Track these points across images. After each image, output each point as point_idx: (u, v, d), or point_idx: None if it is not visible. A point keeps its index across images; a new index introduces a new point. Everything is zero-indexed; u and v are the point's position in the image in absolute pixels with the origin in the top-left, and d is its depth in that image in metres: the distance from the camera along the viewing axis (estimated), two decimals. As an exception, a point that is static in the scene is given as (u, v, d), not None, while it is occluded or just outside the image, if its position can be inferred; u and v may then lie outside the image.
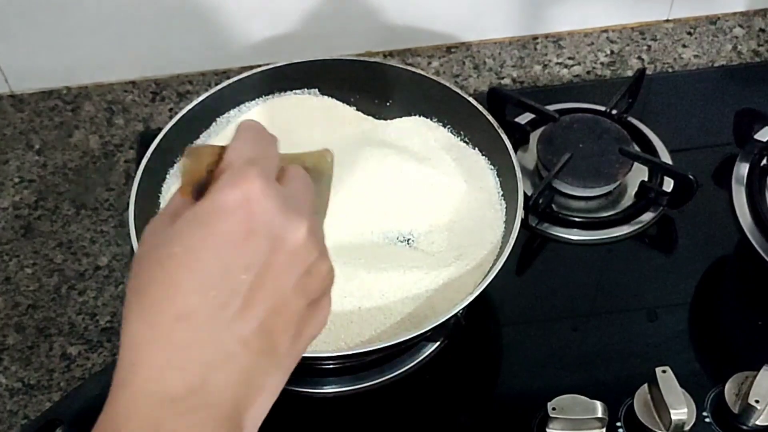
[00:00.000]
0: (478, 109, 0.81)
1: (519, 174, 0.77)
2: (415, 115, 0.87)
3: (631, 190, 0.90)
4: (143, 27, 0.97)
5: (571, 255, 0.87)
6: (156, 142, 0.79)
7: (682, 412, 0.69)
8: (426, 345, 0.78)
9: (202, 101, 0.83)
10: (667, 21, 1.07)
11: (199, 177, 0.44)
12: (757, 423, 0.72)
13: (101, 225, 0.90)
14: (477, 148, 0.84)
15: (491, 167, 0.82)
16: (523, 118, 0.94)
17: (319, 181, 0.55)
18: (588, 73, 1.03)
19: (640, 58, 1.04)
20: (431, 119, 0.86)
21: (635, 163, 0.89)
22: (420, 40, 1.04)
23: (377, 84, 0.87)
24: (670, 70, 1.03)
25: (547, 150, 0.89)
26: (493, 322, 0.82)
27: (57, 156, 0.96)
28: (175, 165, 0.82)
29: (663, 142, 0.92)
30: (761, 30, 1.07)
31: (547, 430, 0.71)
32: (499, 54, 1.04)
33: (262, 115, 0.86)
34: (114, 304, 0.84)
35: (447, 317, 0.68)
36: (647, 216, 0.88)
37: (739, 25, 1.07)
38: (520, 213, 0.74)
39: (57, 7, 0.93)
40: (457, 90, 0.83)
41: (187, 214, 0.42)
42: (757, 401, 0.70)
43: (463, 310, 0.69)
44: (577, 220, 0.88)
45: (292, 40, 1.00)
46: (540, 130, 0.92)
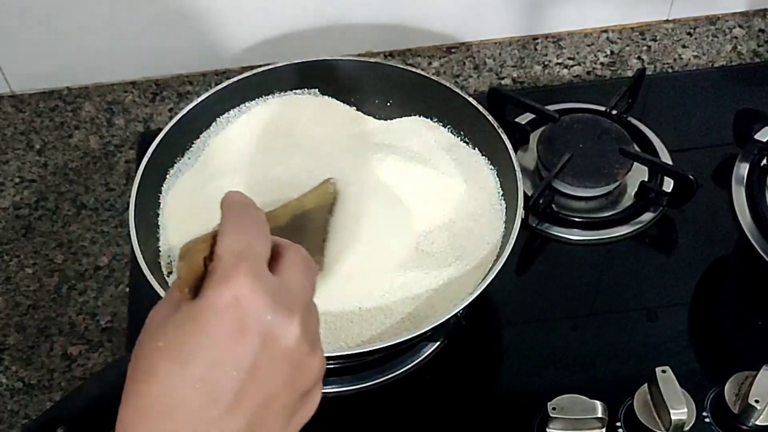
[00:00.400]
0: (478, 110, 0.81)
1: (519, 174, 0.77)
2: (415, 115, 0.87)
3: (631, 190, 0.90)
4: (143, 27, 0.97)
5: (571, 255, 0.87)
6: (156, 143, 0.79)
7: (682, 412, 0.69)
8: (426, 345, 0.78)
9: (202, 101, 0.83)
10: (667, 21, 1.07)
11: (196, 272, 0.44)
12: (757, 423, 0.72)
13: (101, 225, 0.90)
14: (477, 148, 0.84)
15: (491, 167, 0.82)
16: (523, 118, 0.94)
17: (323, 210, 0.54)
18: (588, 73, 1.03)
19: (640, 58, 1.04)
20: (431, 119, 0.86)
21: (635, 163, 0.89)
22: (420, 40, 1.04)
23: (377, 84, 0.87)
24: (670, 70, 1.03)
25: (547, 150, 0.89)
26: (493, 322, 0.82)
27: (57, 156, 0.96)
28: (176, 165, 0.82)
29: (663, 142, 0.92)
30: (761, 30, 1.07)
31: (547, 430, 0.71)
32: (499, 54, 1.04)
33: (262, 115, 0.86)
34: (114, 304, 0.84)
35: (447, 317, 0.68)
36: (647, 216, 0.88)
37: (739, 26, 1.07)
38: (520, 213, 0.74)
39: (57, 7, 0.93)
40: (458, 90, 0.83)
41: (178, 314, 0.42)
42: (757, 401, 0.70)
43: (463, 310, 0.69)
44: (577, 220, 0.88)
45: (292, 40, 1.00)
46: (540, 130, 0.92)
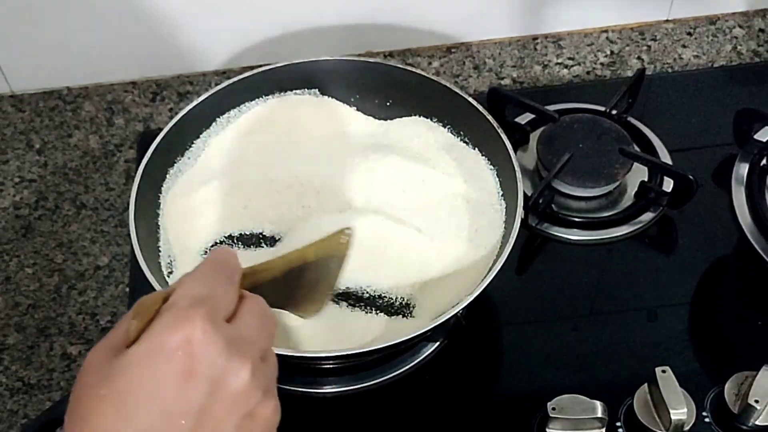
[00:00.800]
0: (478, 110, 0.81)
1: (519, 174, 0.77)
2: (415, 115, 0.87)
3: (631, 190, 0.90)
4: (143, 27, 0.97)
5: (571, 255, 0.87)
6: (156, 143, 0.79)
7: (681, 412, 0.69)
8: (426, 345, 0.78)
9: (202, 101, 0.83)
10: (666, 21, 1.07)
11: (148, 317, 0.43)
12: (756, 423, 0.72)
13: (101, 225, 0.90)
14: (477, 148, 0.84)
15: (491, 167, 0.82)
16: (523, 118, 0.94)
17: (331, 262, 0.54)
18: (588, 73, 1.03)
19: (639, 58, 1.04)
20: (431, 119, 0.86)
21: (635, 163, 0.89)
22: (420, 40, 1.04)
23: (377, 84, 0.87)
24: (670, 70, 1.03)
25: (547, 150, 0.89)
26: (493, 322, 0.82)
27: (57, 156, 0.96)
28: (175, 165, 0.82)
29: (663, 142, 0.92)
30: (761, 30, 1.07)
31: (547, 430, 0.71)
32: (499, 54, 1.04)
33: (262, 115, 0.86)
34: (114, 304, 0.84)
35: (447, 317, 0.68)
36: (647, 216, 0.88)
37: (739, 26, 1.07)
38: (520, 213, 0.74)
39: (57, 7, 0.93)
40: (457, 90, 0.83)
41: (123, 358, 0.41)
42: (756, 401, 0.70)
43: (463, 310, 0.69)
44: (577, 220, 0.88)
45: (292, 40, 1.00)
46: (540, 130, 0.92)
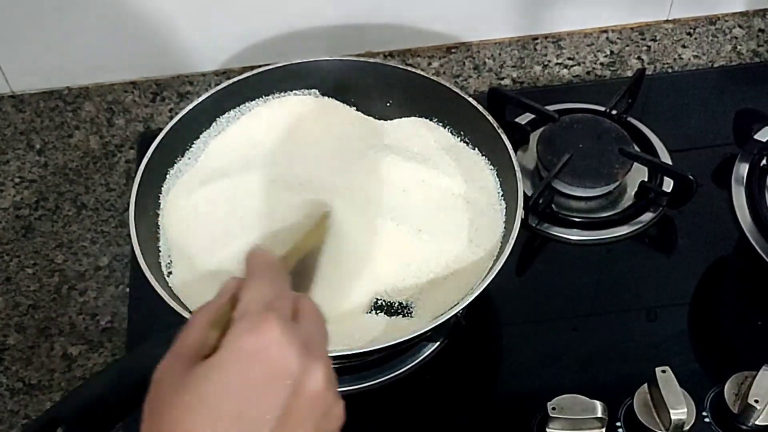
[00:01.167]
0: (478, 110, 0.81)
1: (519, 174, 0.77)
2: (415, 115, 0.87)
3: (631, 190, 0.90)
4: (143, 27, 0.97)
5: (571, 255, 0.87)
6: (156, 143, 0.79)
7: (681, 412, 0.69)
8: (426, 345, 0.78)
9: (202, 101, 0.83)
10: (666, 21, 1.07)
11: (222, 325, 0.44)
12: (756, 423, 0.72)
13: (102, 225, 0.90)
14: (477, 148, 0.84)
15: (491, 167, 0.82)
16: (523, 119, 0.94)
17: (315, 255, 0.54)
18: (588, 73, 1.03)
19: (639, 58, 1.04)
20: (431, 119, 0.86)
21: (635, 163, 0.89)
22: (420, 40, 1.04)
23: (377, 84, 0.87)
24: (670, 70, 1.03)
25: (547, 150, 0.89)
26: (493, 322, 0.82)
27: (57, 156, 0.96)
28: (175, 165, 0.82)
29: (663, 142, 0.92)
30: (761, 30, 1.07)
31: (547, 430, 0.71)
32: (499, 54, 1.04)
33: (262, 115, 0.86)
34: (114, 305, 0.84)
35: (447, 317, 0.68)
36: (647, 216, 0.88)
37: (739, 26, 1.07)
38: (520, 213, 0.74)
39: (57, 7, 0.93)
40: (457, 90, 0.83)
41: (202, 367, 0.42)
42: (756, 401, 0.71)
43: (463, 310, 0.69)
44: (577, 220, 0.88)
45: (292, 40, 1.00)
46: (540, 131, 0.92)
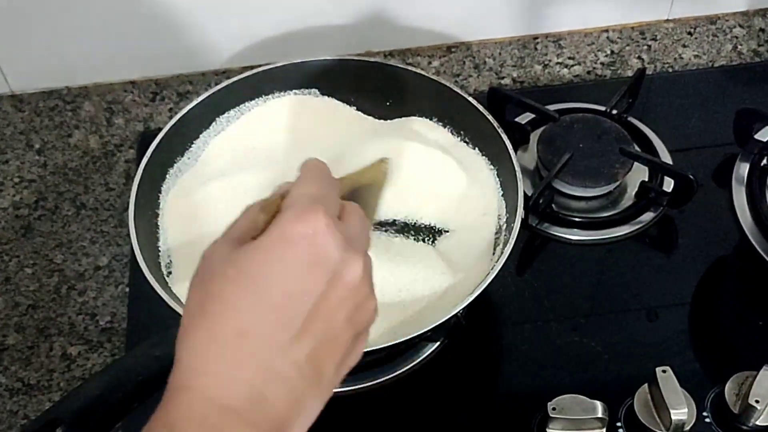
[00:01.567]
0: (478, 109, 0.81)
1: (519, 174, 0.77)
2: (415, 115, 0.87)
3: (631, 190, 0.89)
4: (143, 27, 0.97)
5: (571, 255, 0.87)
6: (156, 142, 0.79)
7: (682, 412, 0.69)
8: (426, 345, 0.78)
9: (202, 101, 0.83)
10: (667, 21, 1.07)
11: (271, 212, 0.47)
12: (757, 423, 0.72)
13: (101, 225, 0.90)
14: (477, 148, 0.84)
15: (491, 167, 0.82)
16: (523, 118, 0.94)
17: (372, 191, 0.57)
18: (588, 73, 1.03)
19: (640, 58, 1.04)
20: (431, 119, 0.86)
21: (635, 163, 0.89)
22: (420, 40, 1.04)
23: (377, 84, 0.87)
24: (670, 70, 1.03)
25: (547, 150, 0.89)
26: (493, 322, 0.82)
27: (57, 156, 0.96)
28: (175, 165, 0.82)
29: (663, 142, 0.92)
30: (761, 30, 1.07)
31: (547, 430, 0.71)
32: (500, 54, 1.04)
33: (262, 115, 0.86)
34: (114, 304, 0.84)
35: (447, 317, 0.68)
36: (647, 216, 0.88)
37: (739, 25, 1.07)
38: (520, 213, 0.74)
39: (57, 7, 0.93)
40: (458, 90, 0.83)
41: (249, 246, 0.44)
42: (757, 401, 0.70)
43: (463, 310, 0.69)
44: (577, 220, 0.88)
45: (292, 40, 1.00)
46: (540, 130, 0.92)
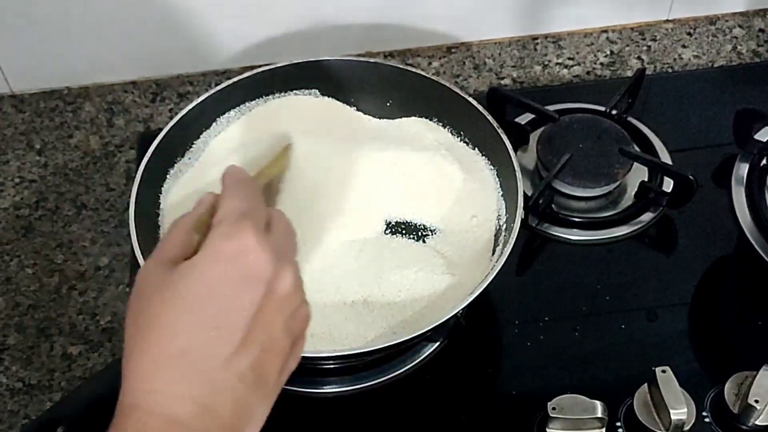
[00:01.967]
0: (478, 110, 0.81)
1: (519, 174, 0.77)
2: (415, 115, 0.87)
3: (631, 190, 0.90)
4: (143, 27, 0.97)
5: (571, 255, 0.87)
6: (156, 143, 0.79)
7: (681, 412, 0.69)
8: (426, 345, 0.78)
9: (202, 102, 0.83)
10: (666, 21, 1.07)
11: (201, 230, 0.49)
12: (756, 423, 0.72)
13: (102, 225, 0.90)
14: (477, 149, 0.84)
15: (491, 167, 0.82)
16: (523, 118, 0.94)
17: (279, 178, 0.60)
18: (588, 73, 1.03)
19: (639, 58, 1.04)
20: (431, 119, 0.86)
21: (635, 163, 0.89)
22: (420, 40, 1.04)
23: (377, 84, 0.87)
24: (670, 70, 1.03)
25: (547, 150, 0.89)
26: (493, 322, 0.82)
27: (57, 156, 0.96)
28: (176, 165, 0.82)
29: (663, 142, 0.92)
30: (761, 30, 1.07)
31: (547, 430, 0.71)
32: (499, 54, 1.04)
33: (262, 115, 0.86)
34: (114, 304, 0.84)
35: (447, 317, 0.68)
36: (647, 216, 0.88)
37: (739, 26, 1.07)
38: (520, 213, 0.74)
39: (57, 7, 0.93)
40: (457, 90, 0.83)
41: (182, 267, 0.46)
42: (756, 401, 0.70)
43: (463, 310, 0.69)
44: (577, 220, 0.88)
45: (292, 40, 1.00)
46: (540, 130, 0.92)
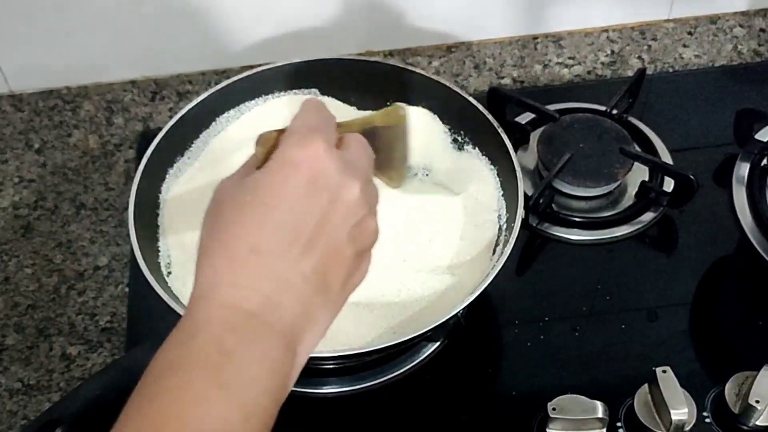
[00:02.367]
0: (479, 109, 0.81)
1: (519, 174, 0.77)
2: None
3: (632, 190, 0.89)
4: (143, 27, 0.97)
5: (571, 255, 0.87)
6: (156, 142, 0.79)
7: (682, 412, 0.69)
8: (426, 345, 0.78)
9: (202, 101, 0.83)
10: (667, 21, 1.07)
11: (271, 147, 0.51)
12: (757, 423, 0.72)
13: (101, 225, 0.90)
14: (477, 148, 0.84)
15: (491, 167, 0.82)
16: (524, 118, 0.94)
17: (395, 134, 0.63)
18: (588, 72, 1.03)
19: (640, 57, 1.04)
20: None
21: (635, 163, 0.89)
22: (420, 39, 1.04)
23: (377, 84, 0.87)
24: (671, 70, 1.03)
25: (547, 150, 0.89)
26: (493, 322, 0.82)
27: (57, 156, 0.96)
28: (175, 164, 0.82)
29: (663, 142, 0.92)
30: (761, 30, 1.07)
31: (547, 430, 0.71)
32: (500, 54, 1.04)
33: (262, 115, 0.86)
34: (114, 304, 0.84)
35: (447, 317, 0.68)
36: (647, 216, 0.88)
37: (740, 25, 1.07)
38: (520, 213, 0.74)
39: (57, 7, 0.93)
40: (458, 90, 0.83)
41: (257, 173, 0.49)
42: (757, 401, 0.70)
43: (463, 310, 0.69)
44: (577, 220, 0.88)
45: (292, 40, 1.00)
46: (540, 130, 0.92)
